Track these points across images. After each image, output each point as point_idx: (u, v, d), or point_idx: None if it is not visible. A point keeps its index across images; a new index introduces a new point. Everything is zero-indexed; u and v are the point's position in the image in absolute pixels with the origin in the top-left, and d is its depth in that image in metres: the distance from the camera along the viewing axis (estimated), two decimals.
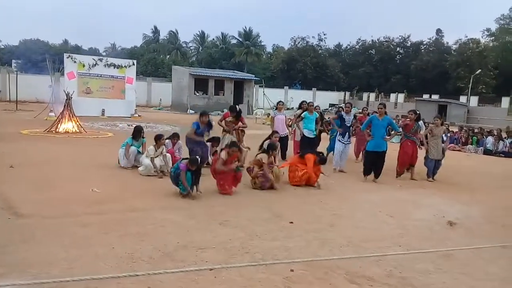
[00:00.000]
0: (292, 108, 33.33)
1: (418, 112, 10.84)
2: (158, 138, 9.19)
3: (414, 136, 10.43)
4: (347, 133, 10.68)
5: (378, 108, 9.90)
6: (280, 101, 12.90)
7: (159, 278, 4.07)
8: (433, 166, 10.57)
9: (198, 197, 7.20)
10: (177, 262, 4.50)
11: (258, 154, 8.69)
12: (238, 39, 67.86)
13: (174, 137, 10.04)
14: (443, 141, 10.80)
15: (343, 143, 10.63)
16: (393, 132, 11.02)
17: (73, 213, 6.00)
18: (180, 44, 72.33)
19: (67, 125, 15.50)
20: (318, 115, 11.94)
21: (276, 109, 12.41)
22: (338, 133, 10.80)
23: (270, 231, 5.70)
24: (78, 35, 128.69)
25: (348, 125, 10.73)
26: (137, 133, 9.92)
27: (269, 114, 29.40)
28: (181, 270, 4.26)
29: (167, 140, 9.73)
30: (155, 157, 8.95)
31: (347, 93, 54.07)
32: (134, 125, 10.52)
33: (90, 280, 3.90)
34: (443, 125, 11.10)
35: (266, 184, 8.16)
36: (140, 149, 9.68)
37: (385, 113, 9.86)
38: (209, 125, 9.43)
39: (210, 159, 9.44)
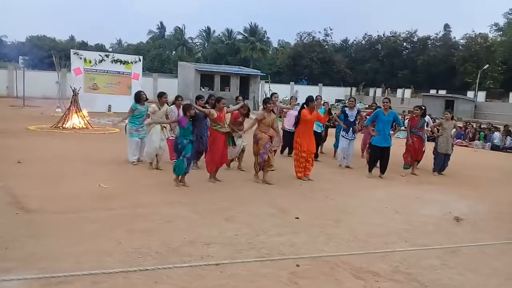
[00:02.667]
0: (298, 103, 33.25)
1: (424, 107, 10.81)
2: (160, 96, 9.29)
3: (420, 131, 10.40)
4: (351, 129, 10.64)
5: (384, 103, 9.88)
6: (292, 96, 13.01)
7: (165, 273, 4.09)
8: (442, 161, 10.55)
9: (203, 192, 7.25)
10: (183, 257, 4.53)
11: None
12: (243, 35, 67.70)
13: (178, 98, 9.66)
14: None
15: (347, 138, 10.59)
16: (398, 127, 10.98)
17: (80, 208, 6.04)
18: (185, 40, 72.29)
19: (74, 121, 15.60)
20: (326, 109, 11.93)
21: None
22: (342, 128, 10.79)
23: (276, 227, 5.72)
24: (84, 31, 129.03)
25: (352, 120, 10.69)
26: (139, 97, 9.67)
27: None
28: (188, 265, 4.29)
29: (172, 106, 9.48)
30: (159, 118, 9.04)
31: (354, 89, 53.88)
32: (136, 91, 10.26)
33: (97, 275, 3.93)
34: (453, 119, 11.08)
35: (264, 155, 8.26)
36: (147, 111, 9.46)
37: (390, 107, 9.84)
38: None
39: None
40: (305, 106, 9.08)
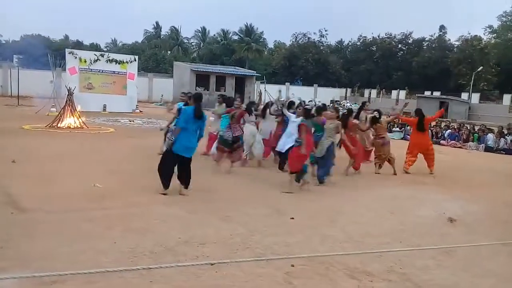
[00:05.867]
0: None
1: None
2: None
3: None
4: None
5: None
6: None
7: (160, 272, 4.09)
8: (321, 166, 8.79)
9: (198, 192, 7.24)
10: (178, 256, 4.53)
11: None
12: (239, 35, 67.67)
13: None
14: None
15: None
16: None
17: (75, 208, 6.03)
18: (181, 40, 72.18)
19: (69, 121, 15.53)
20: None
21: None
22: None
23: (270, 227, 5.73)
24: (79, 31, 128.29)
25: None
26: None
27: None
28: (183, 265, 4.29)
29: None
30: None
31: (349, 90, 54.01)
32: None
33: (92, 274, 3.92)
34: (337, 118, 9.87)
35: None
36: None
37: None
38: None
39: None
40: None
